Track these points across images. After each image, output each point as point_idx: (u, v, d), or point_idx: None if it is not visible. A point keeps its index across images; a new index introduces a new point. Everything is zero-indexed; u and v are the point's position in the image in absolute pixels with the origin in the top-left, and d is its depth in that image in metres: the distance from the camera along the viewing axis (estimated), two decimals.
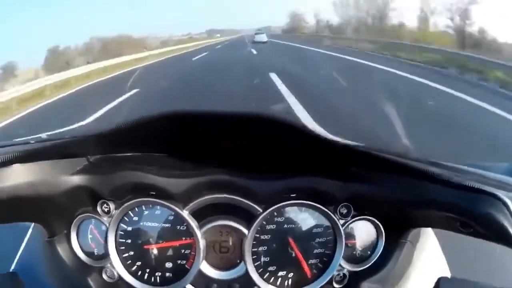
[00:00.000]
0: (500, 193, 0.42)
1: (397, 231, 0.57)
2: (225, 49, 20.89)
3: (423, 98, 5.54)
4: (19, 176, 0.49)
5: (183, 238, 0.57)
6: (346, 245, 0.57)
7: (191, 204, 0.56)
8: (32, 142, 0.51)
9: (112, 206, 0.57)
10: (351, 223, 0.57)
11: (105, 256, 0.58)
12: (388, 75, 7.90)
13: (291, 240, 0.57)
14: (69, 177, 0.54)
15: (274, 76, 7.72)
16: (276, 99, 5.59)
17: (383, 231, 0.57)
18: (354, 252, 0.59)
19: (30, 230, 0.65)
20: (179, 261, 0.58)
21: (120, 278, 0.58)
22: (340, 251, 0.56)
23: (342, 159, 0.55)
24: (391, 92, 5.14)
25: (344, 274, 0.57)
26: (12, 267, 0.62)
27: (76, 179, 0.54)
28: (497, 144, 3.48)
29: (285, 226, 0.57)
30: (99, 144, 0.55)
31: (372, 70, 8.73)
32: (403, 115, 3.54)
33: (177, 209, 0.55)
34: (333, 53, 13.29)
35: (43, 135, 0.56)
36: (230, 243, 0.58)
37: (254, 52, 15.77)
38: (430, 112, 4.78)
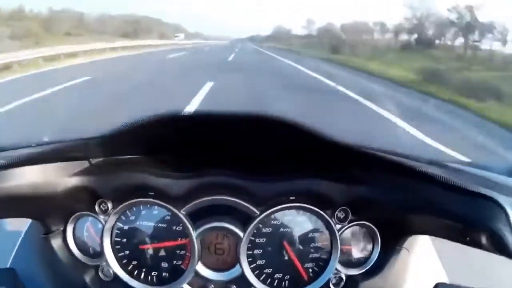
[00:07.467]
0: (501, 198, 0.41)
1: (393, 237, 0.57)
2: None
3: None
4: (21, 176, 0.49)
5: (179, 239, 0.57)
6: (342, 250, 0.57)
7: (188, 205, 0.56)
8: (34, 145, 0.51)
9: (110, 205, 0.57)
10: (347, 228, 0.57)
11: (101, 254, 0.58)
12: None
13: (286, 244, 0.57)
14: (69, 178, 0.54)
15: None
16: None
17: (379, 237, 0.57)
18: (350, 258, 0.59)
19: (27, 226, 0.65)
20: (174, 262, 0.58)
21: (116, 277, 0.58)
22: (336, 256, 0.56)
23: (343, 160, 0.55)
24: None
25: (340, 277, 0.58)
26: (9, 262, 0.63)
27: (77, 180, 0.55)
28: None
29: (281, 229, 0.57)
30: (100, 147, 0.55)
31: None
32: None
33: (174, 209, 0.55)
34: None
35: (45, 138, 0.56)
36: (226, 245, 0.58)
37: None
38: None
